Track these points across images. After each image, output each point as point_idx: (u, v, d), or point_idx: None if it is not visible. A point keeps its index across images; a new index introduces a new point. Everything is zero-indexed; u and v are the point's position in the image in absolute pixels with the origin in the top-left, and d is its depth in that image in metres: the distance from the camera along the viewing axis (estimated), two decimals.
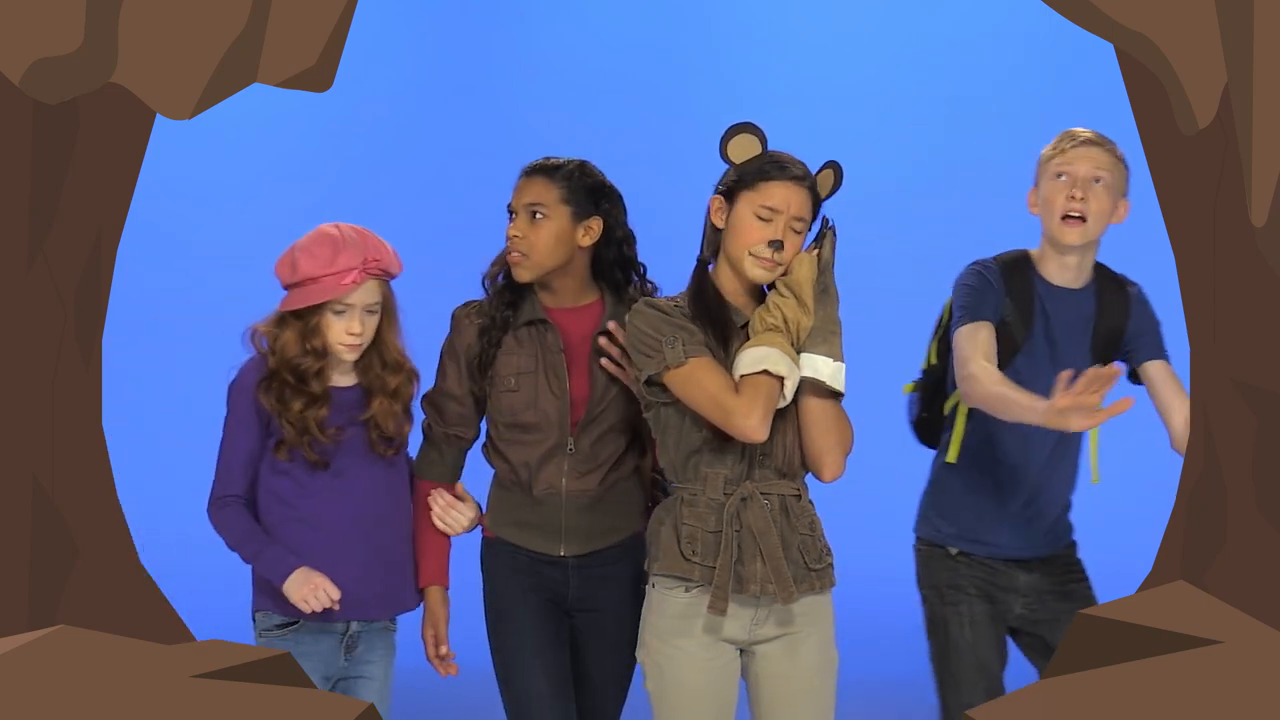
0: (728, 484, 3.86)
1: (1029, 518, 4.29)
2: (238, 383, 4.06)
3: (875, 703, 6.00)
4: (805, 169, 3.90)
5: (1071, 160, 4.21)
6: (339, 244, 4.00)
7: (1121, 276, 4.34)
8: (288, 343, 4.02)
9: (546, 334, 4.18)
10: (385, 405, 4.09)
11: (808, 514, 3.92)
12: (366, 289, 4.02)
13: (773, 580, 3.83)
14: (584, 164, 4.23)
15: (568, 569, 4.19)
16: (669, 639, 3.87)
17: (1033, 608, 4.31)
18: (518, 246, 4.15)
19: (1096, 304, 4.27)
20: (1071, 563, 4.36)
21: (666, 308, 3.91)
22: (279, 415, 4.01)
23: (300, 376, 4.02)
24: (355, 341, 4.04)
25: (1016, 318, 4.27)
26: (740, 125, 3.92)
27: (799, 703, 3.93)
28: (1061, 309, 4.27)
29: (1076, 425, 3.80)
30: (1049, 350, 4.24)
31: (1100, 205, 4.20)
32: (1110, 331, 4.27)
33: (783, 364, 3.80)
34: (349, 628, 4.09)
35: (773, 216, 3.86)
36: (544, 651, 4.18)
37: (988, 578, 4.30)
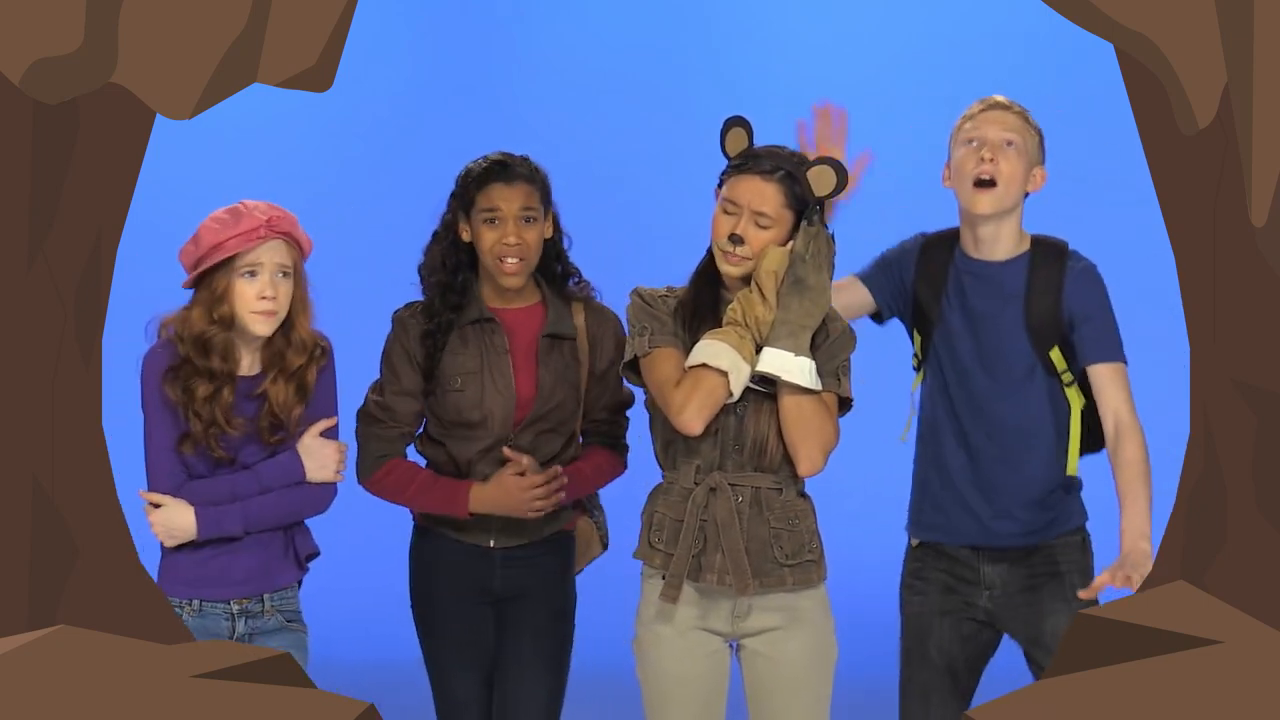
0: (699, 473, 3.90)
1: (987, 506, 4.19)
2: (147, 367, 3.96)
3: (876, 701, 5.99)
4: (784, 164, 3.89)
5: (980, 125, 4.16)
6: (239, 211, 3.93)
7: (1063, 247, 4.22)
8: (195, 318, 3.92)
9: (493, 333, 4.23)
10: (279, 384, 3.95)
11: (790, 508, 3.93)
12: (273, 247, 3.90)
13: (730, 571, 3.86)
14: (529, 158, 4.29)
15: (494, 561, 4.26)
16: (649, 625, 3.95)
17: (996, 600, 4.22)
18: (516, 253, 4.18)
19: (1027, 277, 4.17)
20: (1056, 555, 4.23)
21: (650, 297, 3.97)
22: (185, 406, 3.90)
23: (205, 351, 3.90)
24: (269, 307, 3.89)
25: (928, 295, 4.22)
26: (732, 119, 3.96)
27: (788, 696, 3.95)
28: (979, 284, 4.18)
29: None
30: (969, 326, 4.17)
31: (1012, 169, 4.13)
32: (1045, 309, 4.15)
33: (725, 358, 3.81)
34: (235, 628, 3.99)
35: (735, 210, 3.89)
36: (469, 662, 4.29)
37: (949, 569, 4.24)
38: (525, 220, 4.20)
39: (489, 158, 4.27)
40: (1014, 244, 4.21)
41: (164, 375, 3.95)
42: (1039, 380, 4.19)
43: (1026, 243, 4.23)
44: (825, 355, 3.93)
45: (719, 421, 3.89)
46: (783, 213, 3.90)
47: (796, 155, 3.94)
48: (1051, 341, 4.17)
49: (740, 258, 3.89)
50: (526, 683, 4.27)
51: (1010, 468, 4.18)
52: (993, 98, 4.23)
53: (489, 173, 4.23)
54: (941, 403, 4.23)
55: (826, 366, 3.93)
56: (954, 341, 4.20)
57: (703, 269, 4.00)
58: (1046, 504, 4.23)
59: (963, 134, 4.19)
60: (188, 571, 3.98)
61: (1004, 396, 4.19)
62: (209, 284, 3.92)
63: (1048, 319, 4.15)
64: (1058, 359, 4.19)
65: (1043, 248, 4.21)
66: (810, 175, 3.91)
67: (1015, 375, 4.18)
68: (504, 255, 4.18)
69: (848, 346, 3.98)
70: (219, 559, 3.98)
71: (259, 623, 4.01)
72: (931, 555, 4.28)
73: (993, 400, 4.19)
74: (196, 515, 3.92)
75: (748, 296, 3.87)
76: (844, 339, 3.98)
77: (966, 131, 4.18)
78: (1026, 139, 4.16)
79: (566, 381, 4.27)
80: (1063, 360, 4.19)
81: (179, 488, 3.96)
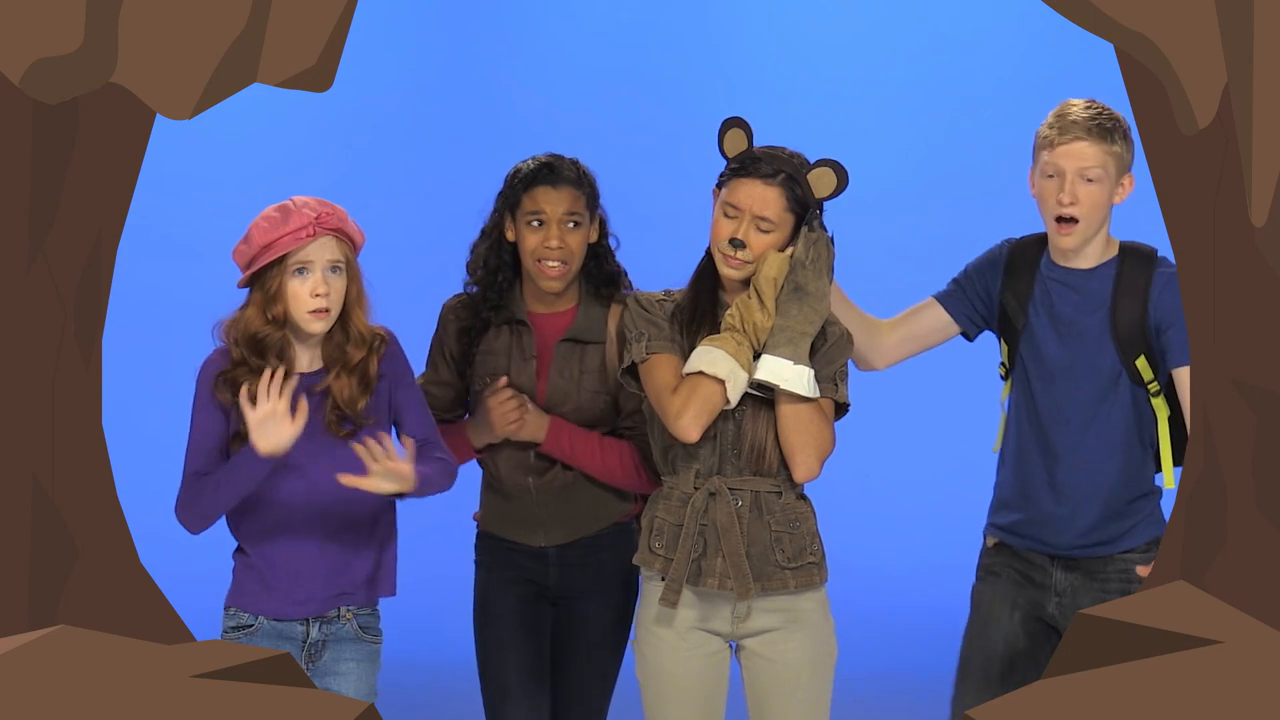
0: (698, 478, 3.91)
1: (1062, 509, 4.18)
2: (200, 375, 3.95)
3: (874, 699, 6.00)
4: (783, 166, 3.89)
5: (1058, 158, 4.10)
6: (289, 209, 3.90)
7: (1151, 254, 4.19)
8: (249, 318, 3.89)
9: (523, 336, 4.23)
10: (342, 379, 3.91)
11: (790, 511, 3.93)
12: (324, 244, 3.87)
13: (731, 576, 3.86)
14: (578, 161, 4.27)
15: (548, 560, 4.26)
16: (650, 626, 3.96)
17: (1064, 608, 4.20)
18: (558, 257, 4.16)
19: (1114, 283, 4.16)
20: (1130, 574, 4.19)
21: (647, 303, 3.97)
22: (239, 407, 3.85)
23: (261, 350, 3.88)
24: (322, 305, 3.87)
25: (1014, 303, 4.21)
26: (730, 120, 3.95)
27: (787, 697, 3.96)
28: (1066, 291, 4.17)
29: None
30: (1055, 334, 4.16)
31: (1094, 200, 4.10)
32: (1132, 317, 4.13)
33: (721, 365, 3.81)
34: (309, 633, 3.95)
35: (736, 214, 3.88)
36: (519, 644, 4.26)
37: (1023, 569, 4.23)
38: (570, 224, 4.18)
39: (538, 159, 4.23)
40: (1101, 251, 4.19)
41: (215, 380, 3.92)
42: (1124, 389, 4.16)
43: (1114, 249, 4.20)
44: (823, 360, 3.93)
45: (717, 426, 3.89)
46: (784, 216, 3.90)
47: (796, 157, 3.93)
48: (1138, 350, 4.14)
49: (741, 261, 3.89)
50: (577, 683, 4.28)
51: (1092, 477, 4.16)
52: (1069, 115, 4.12)
53: (536, 175, 4.19)
54: (1026, 410, 4.19)
55: (824, 371, 3.92)
56: (1040, 349, 4.17)
57: (701, 271, 4.00)
58: (1125, 514, 4.20)
59: (1043, 161, 4.12)
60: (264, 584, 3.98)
61: (1088, 405, 4.16)
62: (262, 283, 3.89)
63: (1134, 327, 4.14)
64: (1144, 368, 4.16)
65: (1131, 255, 4.19)
66: (811, 177, 3.91)
67: (1101, 384, 4.15)
68: (545, 259, 4.17)
69: (845, 351, 3.98)
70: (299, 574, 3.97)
71: (333, 628, 3.98)
72: (1006, 555, 4.26)
73: (1077, 409, 4.16)
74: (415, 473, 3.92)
75: (746, 303, 3.87)
76: (841, 343, 3.97)
77: (1045, 161, 4.11)
78: (1108, 163, 4.09)
79: (584, 387, 4.24)
80: (1149, 369, 4.16)
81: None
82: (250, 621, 3.96)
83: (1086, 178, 4.09)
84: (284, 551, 3.94)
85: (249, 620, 3.97)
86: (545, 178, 4.18)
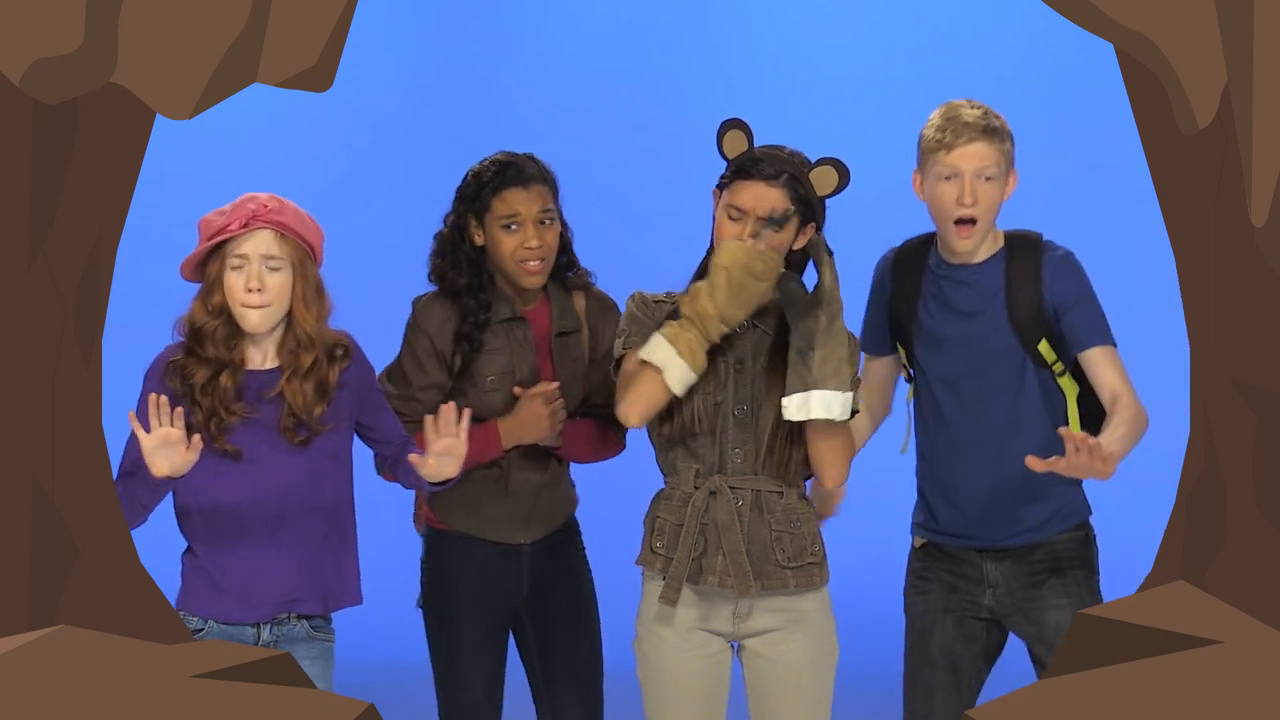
0: (699, 477, 3.91)
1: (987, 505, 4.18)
2: (150, 369, 3.93)
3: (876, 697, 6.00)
4: (786, 166, 3.89)
5: (956, 160, 4.10)
6: (239, 202, 3.89)
7: (1036, 239, 4.21)
8: (194, 309, 3.90)
9: (517, 331, 4.22)
10: (294, 384, 3.87)
11: (791, 511, 3.93)
12: (261, 238, 3.85)
13: (731, 574, 3.87)
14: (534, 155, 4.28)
15: (522, 557, 4.25)
16: (651, 626, 3.96)
17: (999, 598, 4.22)
18: (539, 255, 4.17)
19: (1005, 273, 4.17)
20: (1058, 551, 4.23)
21: (646, 303, 4.00)
22: (187, 398, 3.84)
23: (202, 340, 3.86)
24: (256, 301, 3.84)
25: (904, 307, 4.21)
26: (729, 121, 3.95)
27: (789, 698, 3.96)
28: (959, 288, 4.18)
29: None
30: (954, 330, 4.16)
31: (991, 199, 4.12)
32: (1028, 303, 4.14)
33: (658, 354, 3.82)
34: (260, 635, 3.92)
35: (741, 217, 3.88)
36: (484, 669, 4.28)
37: (953, 568, 4.25)
38: (545, 221, 4.19)
39: (496, 160, 4.23)
40: (990, 245, 4.22)
41: (165, 369, 3.91)
42: (1030, 375, 4.19)
43: (1000, 240, 4.23)
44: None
45: (718, 424, 3.90)
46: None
47: (797, 156, 3.94)
48: (1039, 334, 4.16)
49: None
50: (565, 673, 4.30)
51: (1007, 465, 4.15)
52: (960, 117, 4.14)
53: (504, 177, 4.19)
54: (931, 408, 4.22)
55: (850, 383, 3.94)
56: (939, 347, 4.20)
57: (701, 273, 3.99)
58: (1046, 498, 4.21)
59: (937, 163, 4.13)
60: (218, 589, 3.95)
61: (996, 394, 4.18)
62: (205, 275, 3.91)
63: (1031, 312, 4.15)
64: (1046, 351, 4.18)
65: (1016, 242, 4.22)
66: (813, 176, 3.92)
67: (1005, 372, 4.18)
68: (526, 259, 4.17)
69: (856, 355, 3.98)
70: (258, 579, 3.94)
71: (284, 629, 3.96)
72: (934, 555, 4.28)
73: (985, 399, 4.18)
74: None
75: (696, 288, 3.87)
76: (855, 350, 3.97)
77: (941, 163, 4.12)
78: (1001, 161, 4.13)
79: (576, 376, 4.29)
80: (1052, 352, 4.19)
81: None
82: (200, 625, 3.93)
83: (985, 177, 4.11)
84: (235, 556, 3.91)
85: (198, 624, 3.93)
86: (514, 179, 4.18)
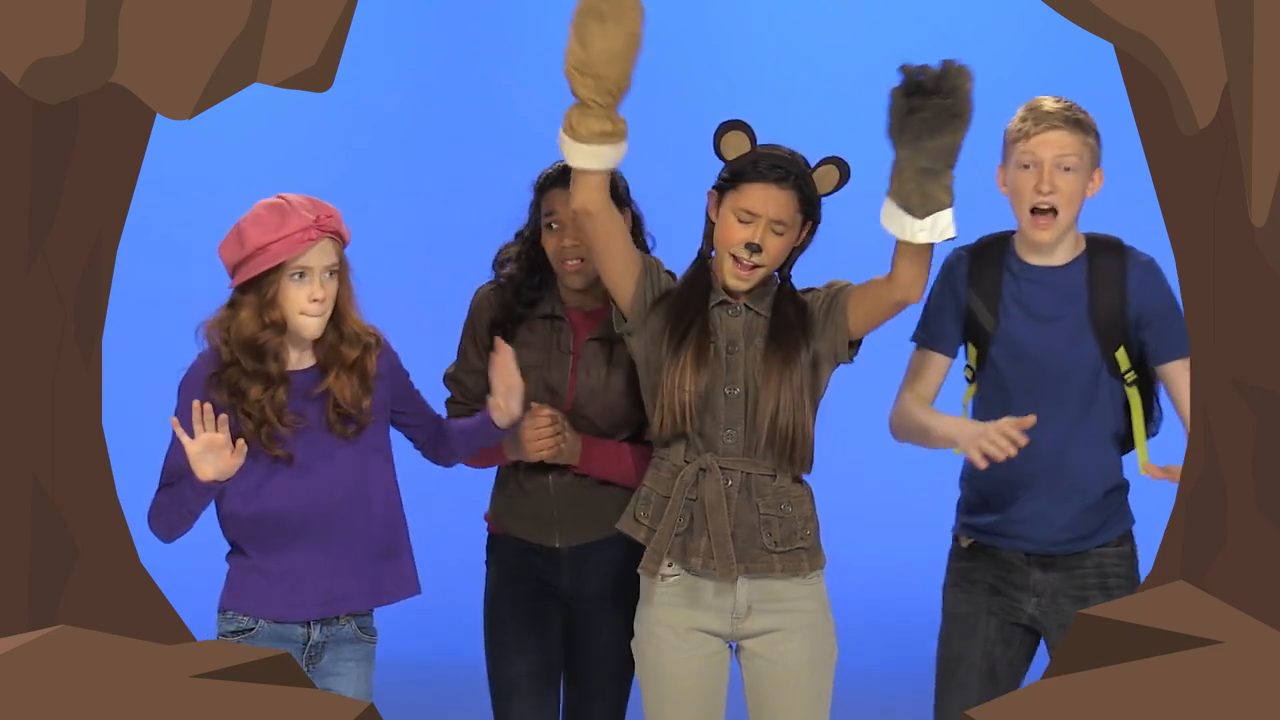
0: (689, 452, 3.90)
1: (1044, 507, 4.14)
2: (187, 378, 3.88)
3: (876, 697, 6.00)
4: (792, 168, 3.89)
5: (1035, 148, 4.07)
6: (285, 209, 3.81)
7: (1119, 244, 4.18)
8: (244, 322, 3.82)
9: (561, 331, 4.23)
10: (342, 379, 3.86)
11: (782, 494, 3.92)
12: (322, 249, 3.81)
13: (714, 556, 3.86)
14: None
15: (561, 560, 4.25)
16: (648, 625, 3.96)
17: (1044, 609, 4.18)
18: (577, 254, 4.17)
19: (1088, 276, 4.14)
20: (1107, 569, 4.18)
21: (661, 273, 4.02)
22: (235, 408, 3.81)
23: (259, 355, 3.82)
24: (319, 310, 3.82)
25: (982, 306, 4.19)
26: (730, 123, 3.96)
27: (788, 699, 3.96)
28: (1041, 290, 4.14)
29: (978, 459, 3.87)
30: (1032, 333, 4.13)
31: (1071, 190, 4.07)
32: (1110, 309, 4.11)
33: (576, 158, 3.87)
34: (310, 635, 3.91)
35: (751, 219, 3.88)
36: (526, 645, 4.26)
37: (1000, 573, 4.20)
38: None
39: (560, 163, 4.26)
40: (1072, 248, 4.16)
41: (208, 380, 3.85)
42: (1103, 382, 4.15)
43: (1082, 243, 4.18)
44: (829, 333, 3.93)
45: (712, 401, 3.88)
46: (796, 218, 3.92)
47: (798, 155, 3.94)
48: (1118, 341, 4.12)
49: (753, 267, 3.88)
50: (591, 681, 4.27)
51: (1072, 474, 4.13)
52: (1042, 107, 4.11)
53: (550, 178, 4.23)
54: (1001, 410, 4.10)
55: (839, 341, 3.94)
56: (1016, 350, 4.14)
57: (692, 278, 3.99)
58: (1100, 508, 4.18)
59: (1018, 152, 4.09)
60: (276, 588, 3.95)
61: (1069, 401, 4.13)
62: (258, 288, 3.81)
63: (1114, 317, 4.12)
64: (1122, 359, 4.14)
65: (1099, 246, 4.17)
66: (816, 176, 3.93)
67: (1080, 379, 4.13)
68: (566, 258, 4.19)
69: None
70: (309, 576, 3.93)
71: (334, 629, 3.94)
72: (981, 557, 4.22)
73: (1057, 404, 4.11)
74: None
75: (569, 49, 3.88)
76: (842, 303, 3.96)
77: (1021, 151, 4.08)
78: (1083, 153, 4.08)
79: (612, 386, 4.24)
80: (1127, 360, 4.15)
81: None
82: (250, 625, 3.92)
83: (1064, 166, 4.07)
84: (287, 555, 3.89)
85: (249, 623, 3.93)
86: (559, 179, 4.20)
